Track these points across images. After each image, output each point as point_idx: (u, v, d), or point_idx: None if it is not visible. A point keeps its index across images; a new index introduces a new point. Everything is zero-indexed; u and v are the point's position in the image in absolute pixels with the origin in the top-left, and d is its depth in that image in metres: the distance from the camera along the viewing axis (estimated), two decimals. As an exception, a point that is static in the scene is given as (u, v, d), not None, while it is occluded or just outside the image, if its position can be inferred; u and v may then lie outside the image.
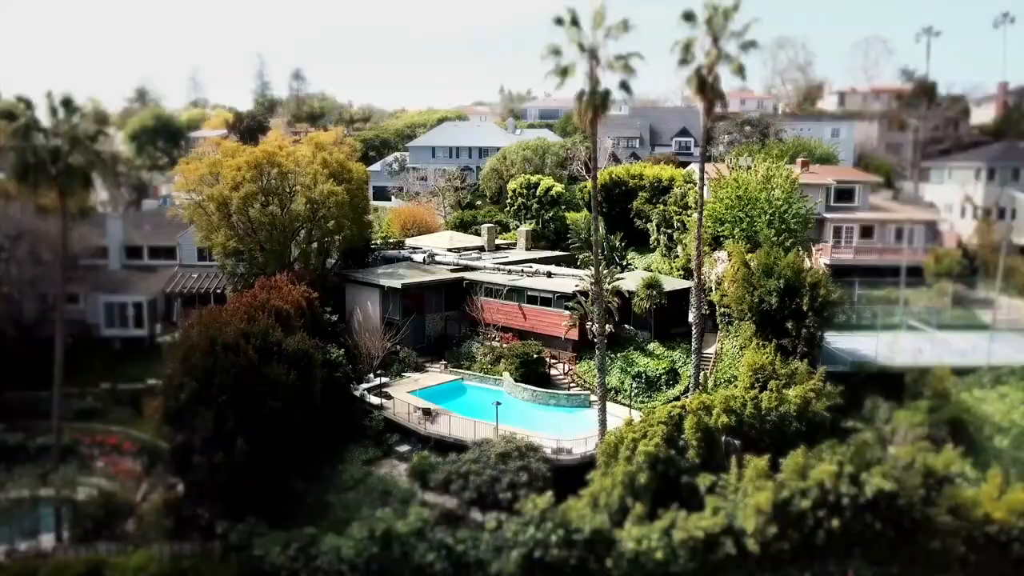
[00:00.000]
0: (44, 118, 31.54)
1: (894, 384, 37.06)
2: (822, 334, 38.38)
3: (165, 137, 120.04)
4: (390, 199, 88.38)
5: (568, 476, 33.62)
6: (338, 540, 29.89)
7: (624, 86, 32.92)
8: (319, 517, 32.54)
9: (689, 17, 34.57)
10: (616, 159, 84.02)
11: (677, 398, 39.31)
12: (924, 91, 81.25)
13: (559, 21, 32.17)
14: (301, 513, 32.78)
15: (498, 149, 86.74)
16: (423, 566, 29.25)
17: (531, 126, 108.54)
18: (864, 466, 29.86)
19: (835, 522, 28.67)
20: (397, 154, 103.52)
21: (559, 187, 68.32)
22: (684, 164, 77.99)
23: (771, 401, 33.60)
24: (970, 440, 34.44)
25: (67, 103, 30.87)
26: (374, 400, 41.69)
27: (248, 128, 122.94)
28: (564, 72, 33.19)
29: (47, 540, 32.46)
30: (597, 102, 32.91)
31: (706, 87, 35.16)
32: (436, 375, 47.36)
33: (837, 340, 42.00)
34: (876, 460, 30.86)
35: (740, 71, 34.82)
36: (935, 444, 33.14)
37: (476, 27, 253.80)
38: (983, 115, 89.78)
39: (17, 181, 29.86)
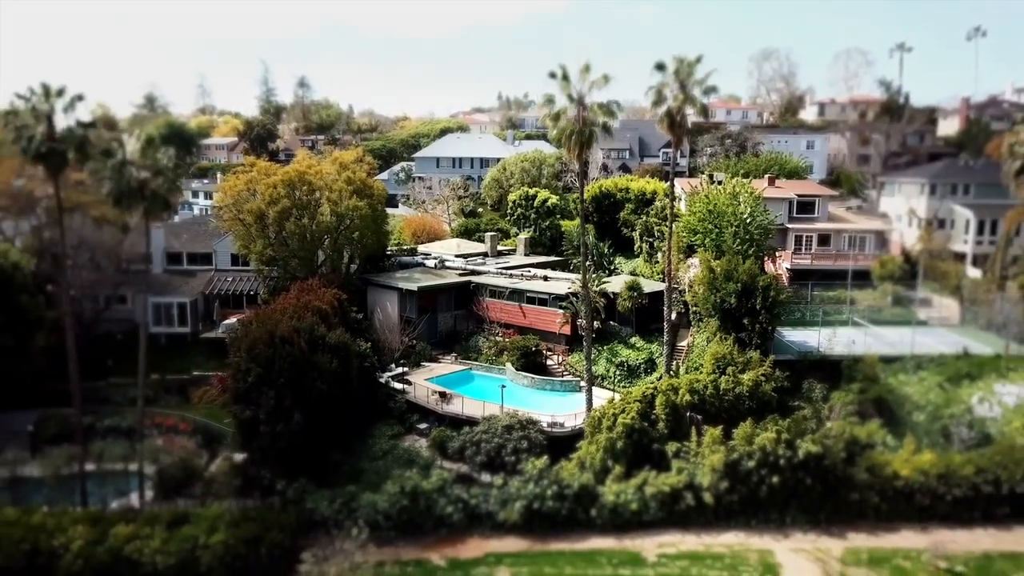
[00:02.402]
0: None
1: (833, 370, 43.42)
2: (773, 328, 43.93)
3: (177, 145, 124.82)
4: (397, 206, 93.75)
5: (560, 444, 39.83)
6: (374, 496, 36.03)
7: (606, 127, 39.13)
8: (355, 481, 38.11)
9: (661, 67, 40.79)
10: (607, 170, 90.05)
11: (653, 383, 44.66)
12: (888, 108, 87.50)
13: (552, 75, 38.42)
14: (340, 477, 38.39)
15: (498, 160, 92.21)
16: (443, 516, 35.60)
17: (528, 137, 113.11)
18: (799, 434, 36.33)
19: (775, 479, 35.20)
20: (403, 164, 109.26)
21: (554, 199, 73.50)
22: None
23: (728, 383, 39.74)
24: (893, 415, 40.78)
25: (150, 141, 37.74)
26: (397, 386, 47.11)
27: (258, 136, 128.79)
28: (557, 117, 39.44)
29: (133, 499, 38.85)
30: (584, 140, 39.08)
31: (675, 124, 41.59)
32: (448, 365, 52.60)
33: (791, 334, 48.35)
34: (811, 430, 37.44)
35: (704, 112, 41.36)
36: (863, 419, 39.79)
37: (475, 28, 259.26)
38: (950, 127, 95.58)
39: (113, 205, 36.67)
